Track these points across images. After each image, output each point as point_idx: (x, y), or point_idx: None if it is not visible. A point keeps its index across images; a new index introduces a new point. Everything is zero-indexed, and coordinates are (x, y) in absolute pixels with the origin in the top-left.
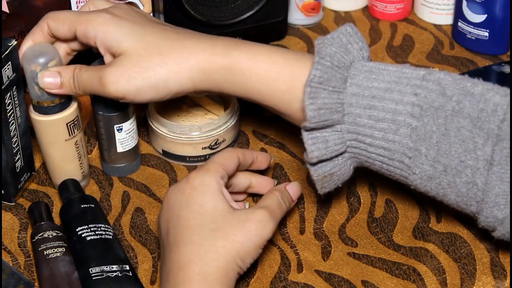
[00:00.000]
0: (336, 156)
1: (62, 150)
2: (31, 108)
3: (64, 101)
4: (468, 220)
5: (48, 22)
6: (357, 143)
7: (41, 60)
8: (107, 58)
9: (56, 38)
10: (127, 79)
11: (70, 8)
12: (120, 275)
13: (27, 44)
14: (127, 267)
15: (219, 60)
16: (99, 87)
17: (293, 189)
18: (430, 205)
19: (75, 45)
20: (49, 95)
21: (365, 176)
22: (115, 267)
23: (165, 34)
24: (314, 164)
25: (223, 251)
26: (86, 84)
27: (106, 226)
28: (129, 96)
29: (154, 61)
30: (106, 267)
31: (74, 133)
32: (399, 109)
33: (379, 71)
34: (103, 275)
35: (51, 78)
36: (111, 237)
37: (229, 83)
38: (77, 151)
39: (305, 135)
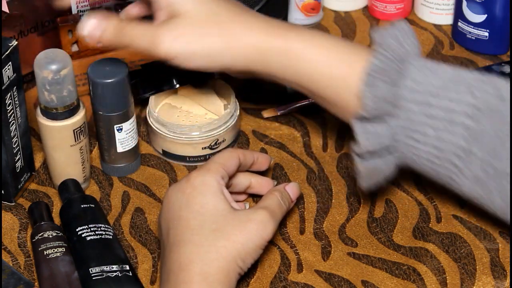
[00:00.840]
0: (385, 150)
1: (66, 154)
2: (38, 111)
3: (72, 108)
4: (468, 220)
5: None
6: (407, 139)
7: (53, 67)
8: (161, 14)
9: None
10: (183, 42)
11: (70, 7)
12: (120, 275)
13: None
14: (127, 267)
15: (276, 42)
16: (149, 45)
17: (292, 189)
18: (430, 205)
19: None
20: (59, 102)
21: None
22: (115, 267)
23: (228, 5)
24: (361, 156)
25: (224, 251)
26: (132, 39)
27: (106, 226)
28: (179, 58)
29: (214, 30)
30: (106, 267)
31: (80, 139)
32: (455, 108)
33: (435, 69)
34: (103, 275)
35: (93, 30)
36: (111, 237)
37: (282, 67)
38: (81, 156)
39: (357, 125)
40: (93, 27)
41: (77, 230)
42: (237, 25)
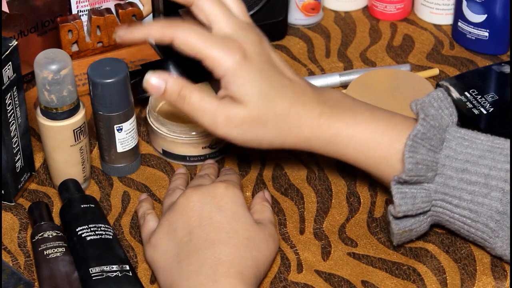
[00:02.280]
0: (421, 213)
1: (66, 154)
2: (38, 111)
3: (72, 108)
4: None
5: (178, 37)
6: (442, 203)
7: (53, 67)
8: (224, 92)
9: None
10: (241, 131)
11: (70, 8)
12: (120, 275)
13: (140, 33)
14: (127, 267)
15: (322, 133)
16: (209, 124)
17: (269, 197)
18: None
19: None
20: (59, 102)
21: (365, 176)
22: (115, 267)
23: (285, 92)
24: (398, 218)
25: (256, 261)
26: (194, 111)
27: (106, 226)
28: (235, 142)
29: (269, 123)
30: (106, 267)
31: (80, 139)
32: (492, 174)
33: (472, 139)
34: (103, 275)
35: (156, 86)
36: (111, 237)
37: (325, 150)
38: (81, 156)
39: (395, 188)
40: (153, 88)
41: (77, 230)
42: (289, 120)
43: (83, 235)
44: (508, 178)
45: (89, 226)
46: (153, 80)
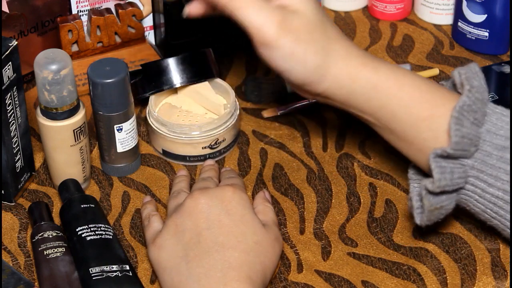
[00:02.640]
0: (454, 190)
1: (66, 155)
2: (38, 111)
3: (72, 108)
4: (468, 220)
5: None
6: (476, 181)
7: (53, 67)
8: (276, 1)
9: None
10: (293, 39)
11: (70, 8)
12: (120, 275)
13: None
14: (127, 267)
15: (368, 73)
16: (261, 24)
17: (269, 197)
18: None
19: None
20: (59, 102)
21: (365, 176)
22: (115, 267)
23: (334, 25)
24: (432, 193)
25: (264, 266)
26: (247, 8)
27: (106, 226)
28: (279, 51)
29: (320, 41)
30: (106, 267)
31: (80, 139)
32: None
33: (510, 115)
34: (103, 275)
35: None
36: (111, 237)
37: (367, 99)
38: (81, 156)
39: (434, 162)
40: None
41: (77, 230)
42: (340, 46)
43: (83, 235)
44: None
45: (89, 226)
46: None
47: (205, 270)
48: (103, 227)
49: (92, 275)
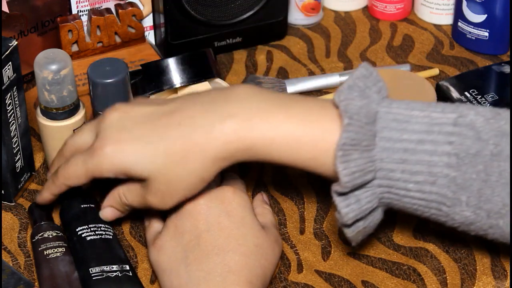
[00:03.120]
0: (369, 213)
1: None
2: (38, 111)
3: (72, 107)
4: None
5: (66, 184)
6: (390, 195)
7: (53, 67)
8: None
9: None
10: (170, 197)
11: (70, 8)
12: (120, 275)
13: (46, 195)
14: (127, 267)
15: (236, 146)
16: (152, 208)
17: (267, 200)
18: None
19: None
20: (59, 102)
21: None
22: (115, 267)
23: (171, 137)
24: (346, 225)
25: (264, 270)
26: (136, 206)
27: (106, 226)
28: (182, 201)
29: (179, 171)
30: (106, 267)
31: None
32: (434, 160)
33: (407, 119)
34: (103, 275)
35: (111, 214)
36: (111, 237)
37: (253, 158)
38: None
39: (337, 198)
40: (111, 214)
41: (77, 230)
42: (192, 152)
43: (83, 235)
44: (451, 162)
45: (89, 226)
46: (104, 215)
47: (205, 274)
48: (103, 227)
49: (92, 275)
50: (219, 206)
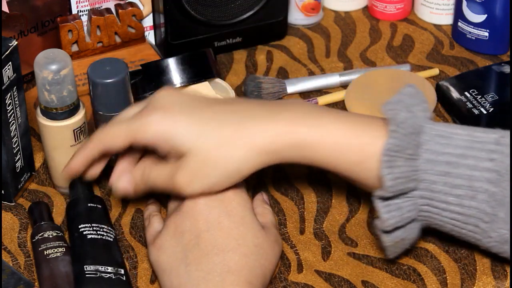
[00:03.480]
0: (409, 222)
1: (66, 155)
2: (38, 111)
3: (72, 108)
4: None
5: (101, 145)
6: (429, 208)
7: (53, 67)
8: (170, 158)
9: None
10: (201, 179)
11: (70, 8)
12: (113, 277)
13: (77, 161)
14: (122, 271)
15: (285, 140)
16: (174, 189)
17: (267, 200)
18: None
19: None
20: (59, 102)
21: None
22: (110, 269)
23: (222, 120)
24: (385, 231)
25: (264, 270)
26: (155, 181)
27: (109, 228)
28: (206, 192)
29: (221, 153)
30: (101, 267)
31: (80, 139)
32: (475, 175)
33: (450, 135)
34: (97, 274)
35: (125, 186)
36: (111, 239)
37: (298, 158)
38: None
39: (379, 204)
40: (125, 186)
41: (79, 227)
42: (240, 137)
43: (84, 233)
44: (491, 177)
45: (92, 225)
46: (122, 187)
47: (204, 274)
48: (105, 228)
49: (86, 272)
50: (219, 205)
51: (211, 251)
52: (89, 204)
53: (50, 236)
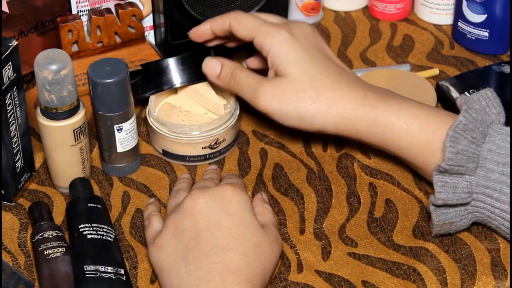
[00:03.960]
0: (461, 204)
1: (66, 154)
2: (38, 111)
3: (72, 107)
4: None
5: (231, 21)
6: (483, 197)
7: (53, 67)
8: (271, 72)
9: (227, 37)
10: (280, 101)
11: (70, 8)
12: (113, 277)
13: (205, 27)
14: (122, 271)
15: (366, 111)
16: (251, 97)
17: (267, 199)
18: None
19: (233, 44)
20: (59, 102)
21: (365, 175)
22: (110, 269)
23: (329, 72)
24: (438, 207)
25: (264, 269)
26: (240, 87)
27: (109, 228)
28: (275, 116)
29: (310, 94)
30: (101, 267)
31: (80, 139)
32: None
33: None
34: (97, 274)
35: (213, 67)
36: (111, 239)
37: (370, 134)
38: (81, 156)
39: (436, 177)
40: (210, 71)
41: (79, 226)
42: (332, 92)
43: (84, 233)
44: None
45: (92, 225)
46: (211, 62)
47: (204, 274)
48: (105, 228)
49: (86, 272)
50: (219, 205)
51: (211, 250)
52: (89, 204)
53: (50, 236)
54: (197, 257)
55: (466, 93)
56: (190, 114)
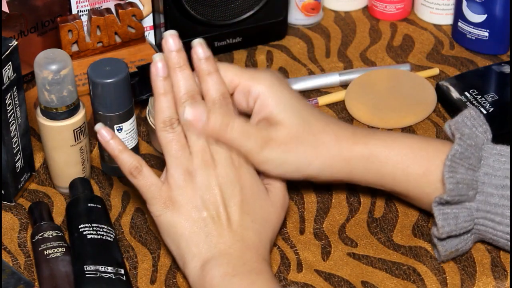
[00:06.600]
0: (464, 233)
1: (66, 154)
2: (38, 111)
3: (72, 108)
4: None
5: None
6: (485, 221)
7: (53, 67)
8: (256, 118)
9: None
10: (282, 150)
11: (70, 7)
12: (113, 277)
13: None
14: (122, 271)
15: (360, 149)
16: (253, 146)
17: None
18: None
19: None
20: (59, 102)
21: None
22: (110, 269)
23: (315, 114)
24: (442, 239)
25: (272, 241)
26: (241, 135)
27: (109, 228)
28: (270, 164)
29: (307, 140)
30: (101, 267)
31: (80, 139)
32: None
33: (508, 154)
34: (97, 274)
35: (202, 108)
36: (111, 239)
37: (365, 171)
38: (81, 156)
39: (437, 210)
40: (200, 113)
41: (79, 226)
42: (327, 135)
43: (84, 233)
44: None
45: (92, 225)
46: (194, 112)
47: (226, 248)
48: (105, 228)
49: (86, 272)
50: (233, 178)
51: (228, 226)
52: (89, 204)
53: (50, 236)
54: (216, 230)
55: (462, 97)
56: None
